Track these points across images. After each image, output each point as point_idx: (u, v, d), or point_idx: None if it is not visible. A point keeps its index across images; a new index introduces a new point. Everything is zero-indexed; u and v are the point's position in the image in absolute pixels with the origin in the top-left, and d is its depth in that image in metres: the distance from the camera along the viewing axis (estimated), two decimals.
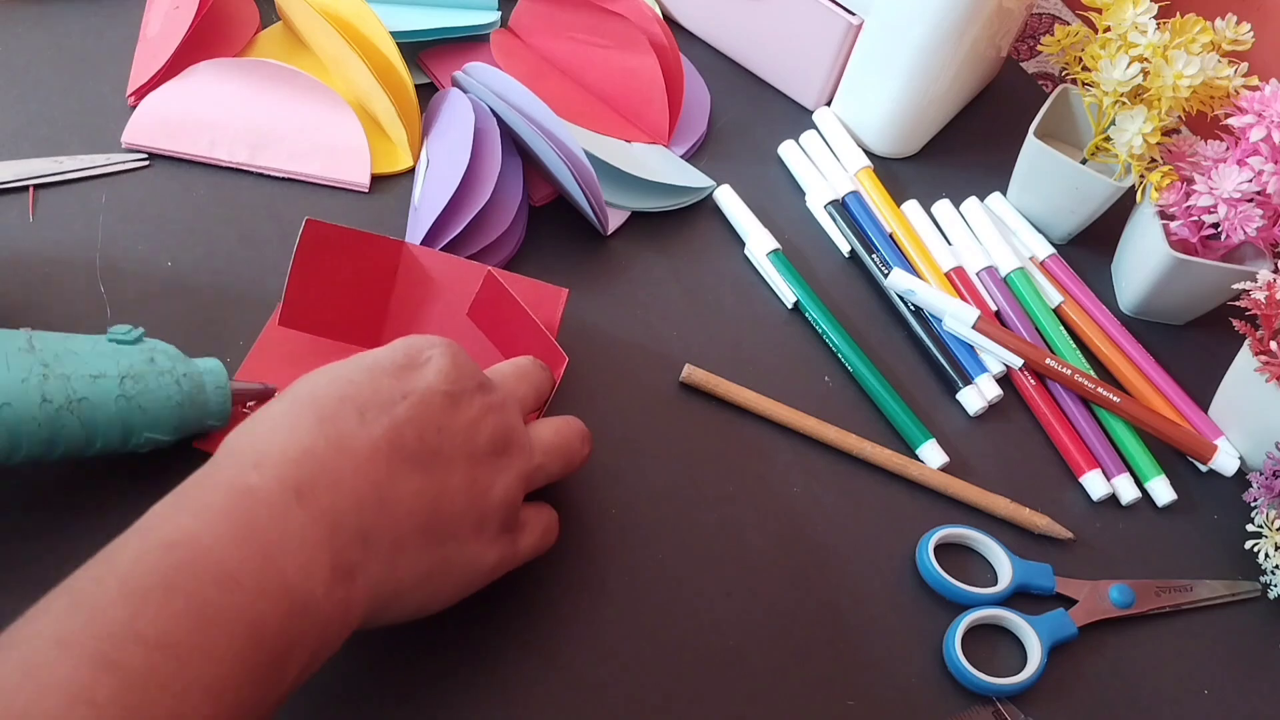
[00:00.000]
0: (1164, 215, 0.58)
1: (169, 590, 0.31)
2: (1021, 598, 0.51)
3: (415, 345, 0.41)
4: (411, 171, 0.59)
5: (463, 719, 0.43)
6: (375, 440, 0.37)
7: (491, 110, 0.57)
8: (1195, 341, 0.62)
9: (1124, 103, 0.58)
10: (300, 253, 0.48)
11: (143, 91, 0.58)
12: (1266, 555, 0.52)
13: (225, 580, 0.33)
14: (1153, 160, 0.58)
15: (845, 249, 0.61)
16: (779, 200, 0.63)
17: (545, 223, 0.58)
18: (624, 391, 0.54)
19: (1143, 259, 0.59)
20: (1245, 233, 0.55)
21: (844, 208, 0.62)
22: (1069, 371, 0.56)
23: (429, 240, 0.53)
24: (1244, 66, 0.56)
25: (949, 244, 0.62)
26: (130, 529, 0.34)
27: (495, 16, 0.64)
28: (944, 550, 0.51)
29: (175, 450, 0.45)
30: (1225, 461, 0.56)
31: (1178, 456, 0.57)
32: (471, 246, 0.54)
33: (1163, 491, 0.55)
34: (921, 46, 0.59)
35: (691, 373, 0.54)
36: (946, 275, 0.60)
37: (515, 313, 0.49)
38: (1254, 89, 0.55)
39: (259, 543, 0.34)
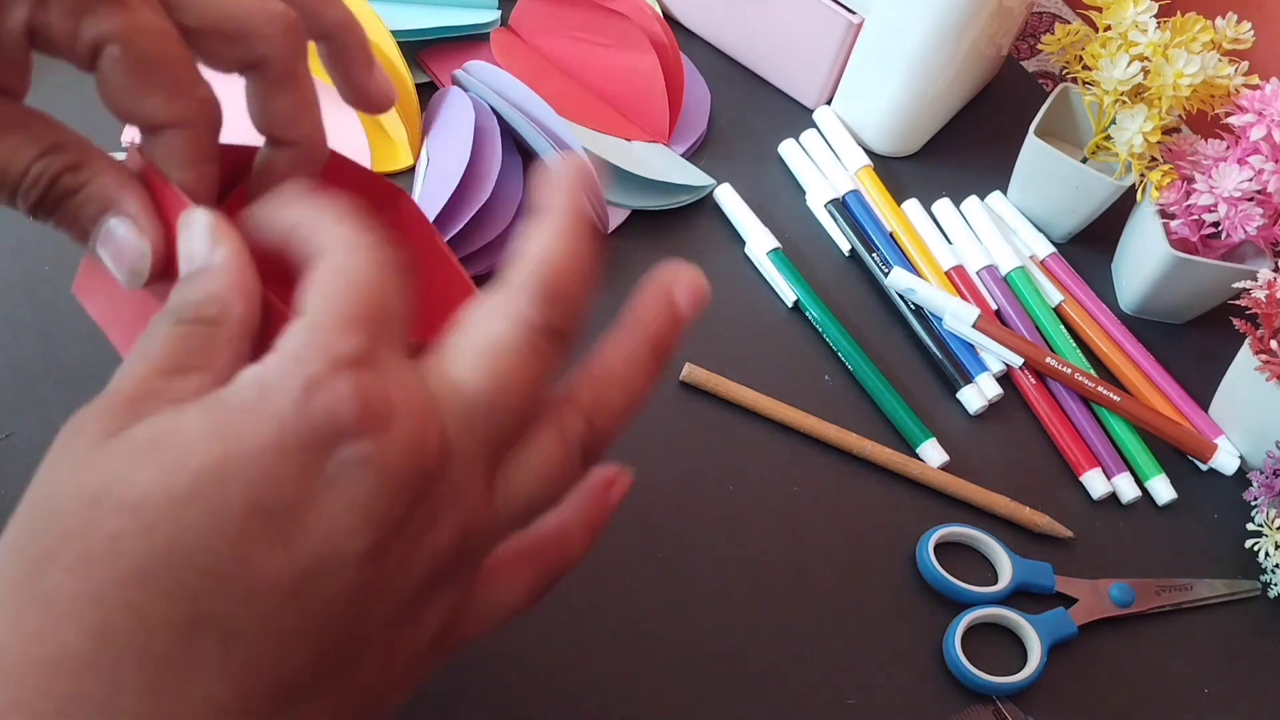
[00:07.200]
0: (1164, 214, 0.58)
1: None
2: (1021, 596, 0.51)
3: (316, 423, 0.21)
4: (412, 170, 0.59)
5: (459, 717, 0.43)
6: (243, 691, 0.20)
7: (492, 109, 0.57)
8: (1195, 341, 0.62)
9: (1124, 101, 0.58)
10: None
11: None
12: (1266, 554, 0.52)
13: None
14: (1153, 159, 0.58)
15: (845, 248, 0.61)
16: (779, 199, 0.63)
17: None
18: None
19: (1143, 258, 0.59)
20: (1245, 231, 0.55)
21: (844, 206, 0.62)
22: (1069, 370, 0.56)
23: None
24: (1244, 65, 0.56)
25: (949, 243, 0.62)
26: None
27: (495, 15, 0.64)
28: (944, 549, 0.51)
29: None
30: (1225, 460, 0.56)
31: (1178, 455, 0.57)
32: (471, 245, 0.54)
33: (1163, 490, 0.55)
34: (922, 45, 0.59)
35: (691, 372, 0.54)
36: (947, 274, 0.60)
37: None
38: (1254, 88, 0.55)
39: None
